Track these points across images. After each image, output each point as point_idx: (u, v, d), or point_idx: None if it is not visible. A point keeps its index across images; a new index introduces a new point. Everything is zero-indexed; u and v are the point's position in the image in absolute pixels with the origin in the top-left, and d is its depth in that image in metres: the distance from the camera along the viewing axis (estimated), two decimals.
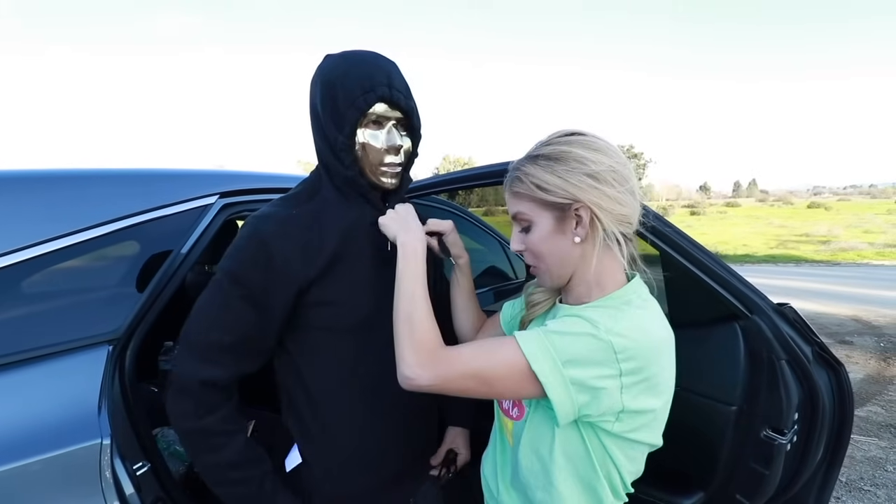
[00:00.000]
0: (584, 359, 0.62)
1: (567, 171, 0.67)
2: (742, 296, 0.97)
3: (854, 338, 4.79)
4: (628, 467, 0.70)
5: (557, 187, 0.67)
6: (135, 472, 0.84)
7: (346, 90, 0.75)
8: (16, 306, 0.89)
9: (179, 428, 0.76)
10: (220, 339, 0.75)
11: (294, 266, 0.75)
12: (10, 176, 0.99)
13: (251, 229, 0.77)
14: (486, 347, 0.67)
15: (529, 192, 0.69)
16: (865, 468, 2.52)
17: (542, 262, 0.73)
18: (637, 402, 0.64)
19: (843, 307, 6.11)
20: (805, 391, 0.97)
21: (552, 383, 0.62)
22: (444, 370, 0.65)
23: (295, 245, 0.76)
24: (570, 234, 0.69)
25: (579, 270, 0.72)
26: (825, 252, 13.28)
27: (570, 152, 0.67)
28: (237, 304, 0.75)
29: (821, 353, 1.00)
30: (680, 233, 0.99)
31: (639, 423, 0.66)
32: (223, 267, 0.77)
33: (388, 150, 0.80)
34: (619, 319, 0.64)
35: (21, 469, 0.75)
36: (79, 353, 0.88)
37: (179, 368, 0.76)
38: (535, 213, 0.70)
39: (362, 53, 0.80)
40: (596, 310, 0.68)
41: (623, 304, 0.68)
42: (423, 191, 1.40)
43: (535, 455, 0.73)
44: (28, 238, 0.90)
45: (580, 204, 0.67)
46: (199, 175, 1.23)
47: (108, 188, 1.05)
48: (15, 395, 0.81)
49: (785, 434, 0.95)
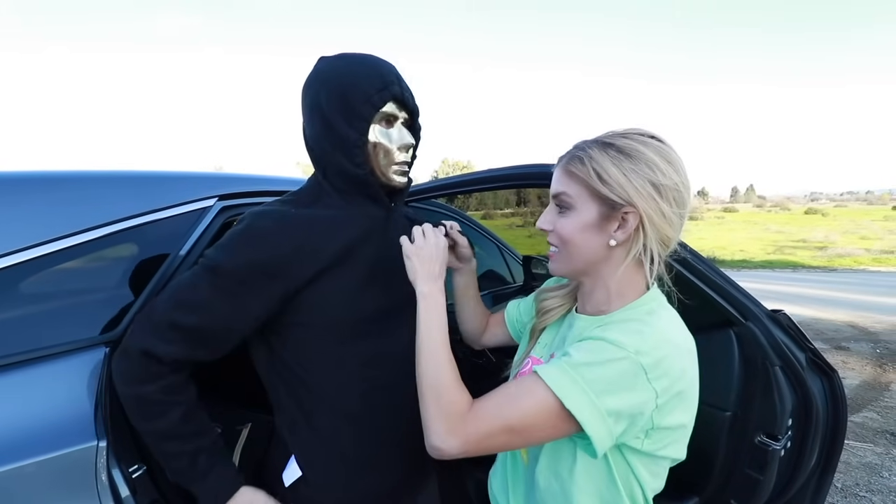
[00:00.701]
0: (617, 386, 0.58)
1: (634, 171, 0.63)
2: (736, 302, 0.97)
3: (850, 344, 4.80)
4: (651, 484, 0.67)
5: (618, 183, 0.63)
6: (131, 475, 0.84)
7: (360, 88, 0.75)
8: (13, 307, 0.89)
9: (118, 390, 0.76)
10: (179, 319, 0.73)
11: (285, 266, 0.74)
12: (9, 177, 0.99)
13: (247, 223, 0.75)
14: (511, 395, 0.61)
15: (586, 177, 0.64)
16: (861, 474, 2.52)
17: (566, 249, 0.69)
18: (668, 420, 0.61)
19: (840, 313, 6.14)
20: (799, 397, 0.97)
21: (590, 419, 0.57)
22: (474, 434, 0.60)
23: (289, 244, 0.74)
24: (608, 233, 0.65)
25: (602, 274, 0.69)
26: (822, 258, 13.34)
27: (644, 153, 0.63)
28: (210, 292, 0.73)
29: (814, 359, 1.00)
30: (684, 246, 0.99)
31: (669, 440, 0.63)
32: (209, 254, 0.76)
33: (399, 148, 0.81)
34: (645, 336, 0.60)
35: (17, 471, 0.75)
36: (76, 354, 0.88)
37: (130, 333, 0.76)
38: (582, 199, 0.65)
39: (366, 55, 0.80)
40: (619, 327, 0.63)
41: (646, 315, 0.65)
42: (424, 194, 1.41)
43: (553, 476, 0.69)
44: (26, 240, 0.90)
45: (632, 209, 0.63)
46: (198, 177, 1.23)
47: (107, 190, 1.05)
48: (11, 396, 0.81)
49: (779, 440, 0.96)
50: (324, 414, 0.82)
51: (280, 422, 0.87)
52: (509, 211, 22.05)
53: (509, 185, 1.14)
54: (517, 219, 16.42)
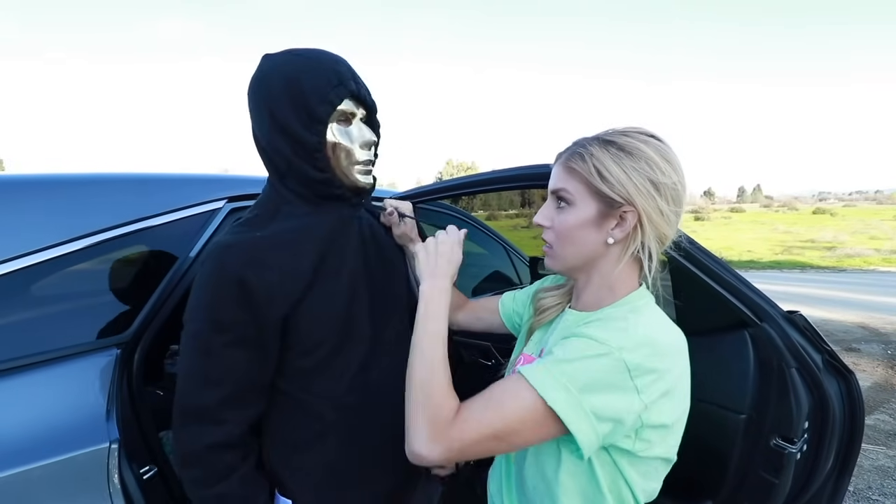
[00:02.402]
0: (600, 383, 0.57)
1: (635, 169, 0.63)
2: (751, 303, 0.96)
3: (861, 345, 4.75)
4: (642, 485, 0.66)
5: (618, 181, 0.63)
6: (142, 476, 0.85)
7: (314, 86, 0.69)
8: (26, 309, 0.90)
9: (193, 496, 0.69)
10: (216, 396, 0.68)
11: (279, 297, 0.69)
12: (22, 180, 1.00)
13: (216, 264, 0.68)
14: (495, 398, 0.60)
15: (586, 174, 0.64)
16: (873, 477, 2.49)
17: (562, 245, 0.69)
18: (656, 417, 0.60)
19: (850, 314, 6.07)
20: (815, 399, 0.96)
21: (573, 417, 0.56)
22: (458, 442, 0.58)
23: (271, 270, 0.69)
24: (605, 231, 0.65)
25: (597, 271, 0.69)
26: (831, 258, 13.20)
27: (644, 152, 0.63)
28: (226, 352, 0.68)
29: (831, 360, 0.99)
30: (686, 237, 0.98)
31: (657, 439, 0.62)
32: (196, 318, 0.68)
33: (361, 147, 0.75)
34: (628, 333, 0.60)
35: (31, 472, 0.75)
36: (88, 356, 0.89)
37: (179, 441, 0.68)
38: (581, 196, 0.65)
39: (315, 50, 0.74)
40: (603, 325, 0.64)
41: (630, 313, 0.65)
42: (428, 196, 1.42)
43: (540, 476, 0.69)
44: (39, 242, 0.91)
45: (631, 208, 0.63)
46: (207, 179, 1.23)
47: (118, 192, 1.06)
48: (26, 397, 0.81)
49: (795, 443, 0.94)
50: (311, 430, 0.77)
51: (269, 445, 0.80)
52: (514, 212, 22.05)
53: (513, 186, 1.14)
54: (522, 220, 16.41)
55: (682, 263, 0.96)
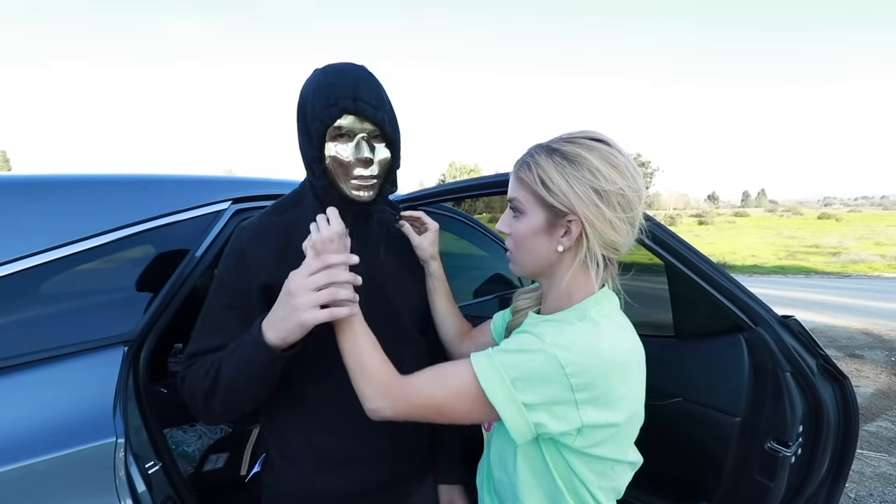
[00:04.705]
0: (533, 375, 0.60)
1: (577, 178, 0.63)
2: (746, 307, 0.97)
3: (865, 351, 4.72)
4: (598, 483, 0.66)
5: (560, 191, 0.64)
6: (147, 471, 0.86)
7: (313, 104, 0.75)
8: (36, 307, 0.92)
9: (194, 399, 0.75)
10: (209, 344, 0.77)
11: (266, 270, 0.79)
12: (32, 181, 1.03)
13: (233, 240, 0.83)
14: (441, 374, 0.67)
15: (532, 184, 0.66)
16: (875, 484, 2.48)
17: (518, 252, 0.72)
18: (594, 417, 0.61)
19: (854, 320, 6.04)
20: (810, 404, 0.97)
21: (502, 403, 0.61)
22: (402, 401, 0.66)
23: (269, 250, 0.80)
24: (556, 239, 0.67)
25: (555, 277, 0.71)
26: (835, 264, 13.12)
27: (587, 159, 0.63)
28: (221, 310, 0.79)
29: (825, 365, 1.00)
30: (682, 242, 1.00)
31: (600, 438, 0.63)
32: (213, 281, 0.82)
33: (357, 163, 0.78)
34: (564, 333, 0.62)
35: (39, 465, 0.77)
36: (95, 353, 0.91)
37: (180, 380, 0.78)
38: (530, 205, 0.67)
39: (336, 66, 0.78)
40: (548, 324, 0.66)
41: (575, 318, 0.66)
42: (429, 199, 1.44)
43: (503, 468, 0.72)
44: (49, 241, 0.93)
45: (574, 217, 0.64)
46: (213, 181, 1.26)
47: (126, 193, 1.09)
48: (35, 392, 0.83)
49: (789, 446, 0.95)
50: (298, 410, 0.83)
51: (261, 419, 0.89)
52: None
53: (484, 193, 1.22)
54: None
55: (679, 267, 0.98)
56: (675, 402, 1.03)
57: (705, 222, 33.72)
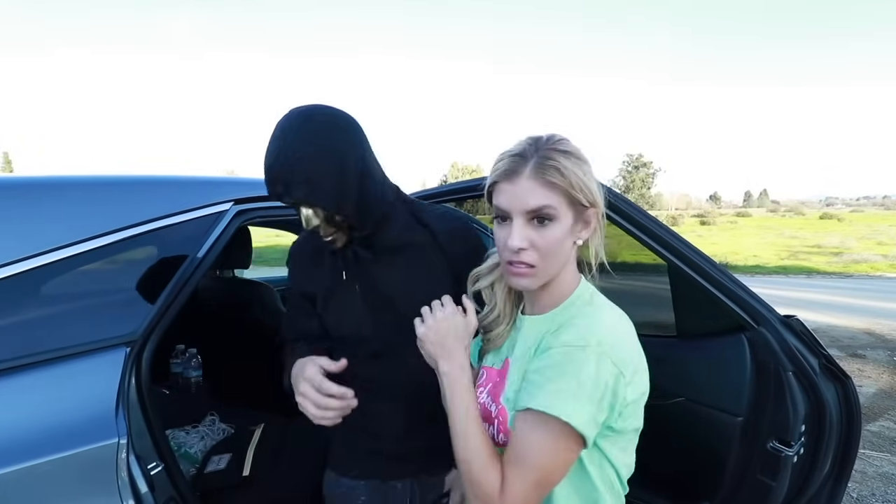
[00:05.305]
0: (600, 383, 0.60)
1: (590, 172, 0.67)
2: (749, 307, 0.97)
3: (867, 351, 4.71)
4: (623, 459, 0.69)
5: (587, 188, 0.66)
6: (149, 472, 0.86)
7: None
8: (38, 308, 0.93)
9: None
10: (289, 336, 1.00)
11: (300, 281, 0.99)
12: (33, 182, 1.03)
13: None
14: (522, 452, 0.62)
15: (567, 187, 0.65)
16: (877, 484, 2.48)
17: (546, 262, 0.67)
18: (633, 393, 0.64)
19: (856, 320, 6.02)
20: (812, 403, 0.97)
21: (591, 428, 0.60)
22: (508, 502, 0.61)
23: (302, 266, 0.99)
24: (574, 234, 0.68)
25: (559, 274, 0.70)
26: (838, 264, 13.09)
27: (584, 155, 0.68)
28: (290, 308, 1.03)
29: (828, 365, 1.00)
30: (685, 242, 1.00)
31: (633, 411, 0.66)
32: None
33: (315, 228, 0.83)
34: (598, 326, 0.64)
35: (43, 466, 0.78)
36: (98, 354, 0.91)
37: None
38: (563, 209, 0.66)
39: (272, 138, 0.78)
40: (572, 328, 0.65)
41: (586, 307, 0.69)
42: (431, 200, 1.44)
43: None
44: (50, 242, 0.93)
45: (594, 209, 0.68)
46: (215, 182, 1.26)
47: (128, 194, 1.09)
48: (38, 394, 0.84)
49: (792, 446, 0.95)
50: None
51: None
52: None
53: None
54: None
55: (682, 268, 0.97)
56: (677, 401, 1.03)
57: (707, 222, 33.63)
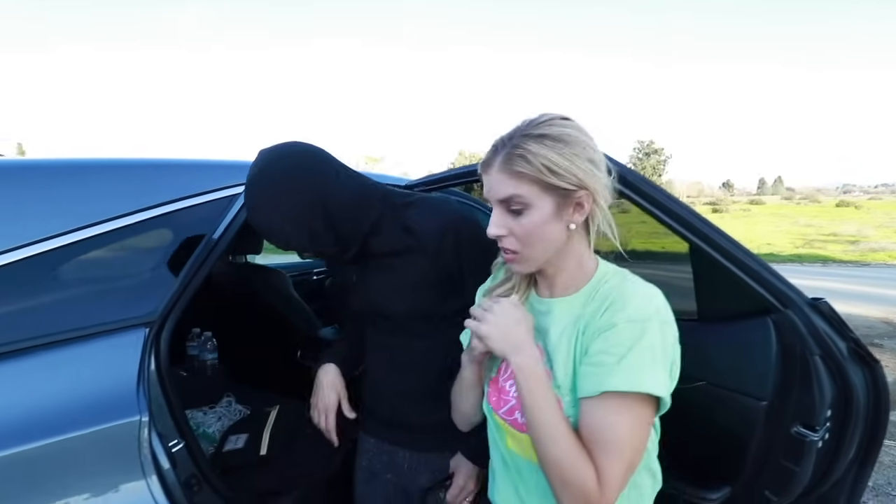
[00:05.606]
0: (668, 347, 0.64)
1: (574, 154, 0.64)
2: (775, 289, 0.95)
3: (884, 340, 4.64)
4: (654, 439, 0.72)
5: (567, 171, 0.64)
6: (170, 449, 0.87)
7: None
8: (60, 289, 0.93)
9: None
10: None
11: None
12: (55, 164, 1.03)
13: None
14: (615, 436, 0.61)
15: (536, 174, 0.64)
16: (893, 473, 2.45)
17: (529, 248, 0.68)
18: (677, 360, 0.67)
19: (873, 309, 5.92)
20: (839, 388, 0.94)
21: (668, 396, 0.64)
22: (611, 497, 0.61)
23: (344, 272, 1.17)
24: (565, 219, 0.67)
25: (569, 255, 0.71)
26: (854, 252, 12.85)
27: (574, 136, 0.66)
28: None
29: (856, 349, 0.97)
30: (709, 223, 0.97)
31: (675, 373, 0.68)
32: None
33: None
34: (644, 294, 0.66)
35: (69, 441, 0.79)
36: (118, 334, 0.91)
37: None
38: (536, 196, 0.65)
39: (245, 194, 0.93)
40: (621, 304, 0.64)
41: (622, 280, 0.69)
42: (439, 184, 1.42)
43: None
44: (71, 223, 0.94)
45: (585, 191, 0.66)
46: (228, 165, 1.25)
47: (143, 177, 1.09)
48: (62, 371, 0.85)
49: (817, 431, 0.93)
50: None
51: None
52: None
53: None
54: None
55: (705, 249, 0.95)
56: (698, 385, 1.02)
57: (720, 210, 33.13)
